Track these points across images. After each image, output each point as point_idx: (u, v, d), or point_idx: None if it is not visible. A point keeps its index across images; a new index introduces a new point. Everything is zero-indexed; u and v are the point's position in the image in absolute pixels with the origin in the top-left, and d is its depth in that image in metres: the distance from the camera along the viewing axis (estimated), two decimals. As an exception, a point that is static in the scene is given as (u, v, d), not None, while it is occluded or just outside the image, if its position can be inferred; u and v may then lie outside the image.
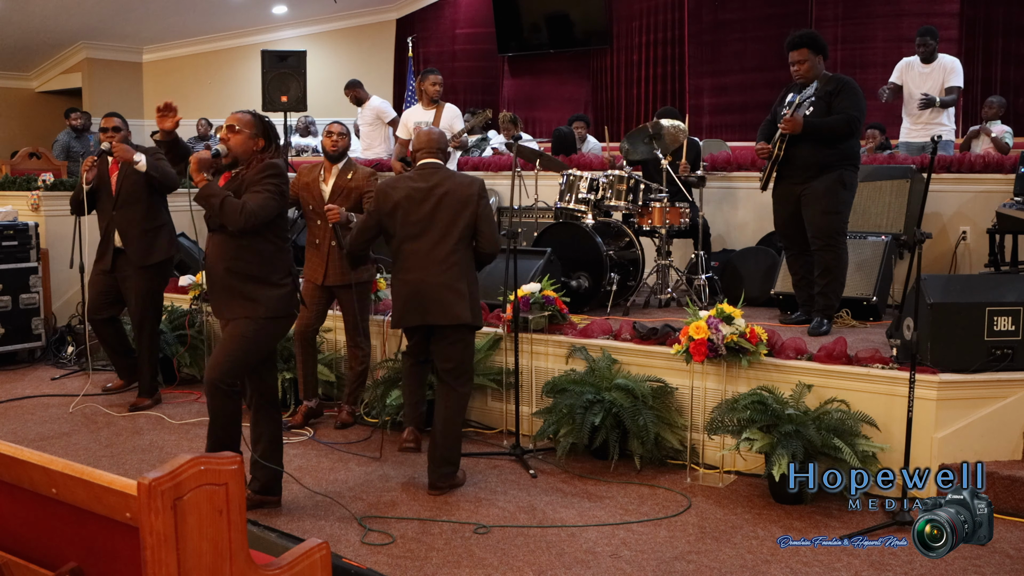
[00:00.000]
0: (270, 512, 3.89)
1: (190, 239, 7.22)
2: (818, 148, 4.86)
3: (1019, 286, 4.15)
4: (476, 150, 8.90)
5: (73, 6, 11.50)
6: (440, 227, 4.05)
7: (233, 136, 3.71)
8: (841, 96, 4.86)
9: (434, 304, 4.03)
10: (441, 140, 4.28)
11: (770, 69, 9.97)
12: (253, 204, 3.61)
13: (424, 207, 4.06)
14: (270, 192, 3.66)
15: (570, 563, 3.41)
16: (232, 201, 3.60)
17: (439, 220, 4.05)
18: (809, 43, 4.95)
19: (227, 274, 3.73)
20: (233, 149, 3.72)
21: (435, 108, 6.84)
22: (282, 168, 3.77)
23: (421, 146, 4.23)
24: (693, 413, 4.44)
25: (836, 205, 4.88)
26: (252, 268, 3.72)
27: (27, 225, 6.64)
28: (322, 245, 4.97)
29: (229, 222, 3.62)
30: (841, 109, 4.84)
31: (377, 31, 13.38)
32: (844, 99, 4.86)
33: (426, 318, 4.07)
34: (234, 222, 3.60)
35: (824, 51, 4.98)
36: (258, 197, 3.63)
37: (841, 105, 4.85)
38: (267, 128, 3.79)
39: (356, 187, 4.94)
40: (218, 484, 1.68)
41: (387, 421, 4.93)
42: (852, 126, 4.88)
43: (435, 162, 4.18)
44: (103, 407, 5.50)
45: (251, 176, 3.69)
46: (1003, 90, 8.94)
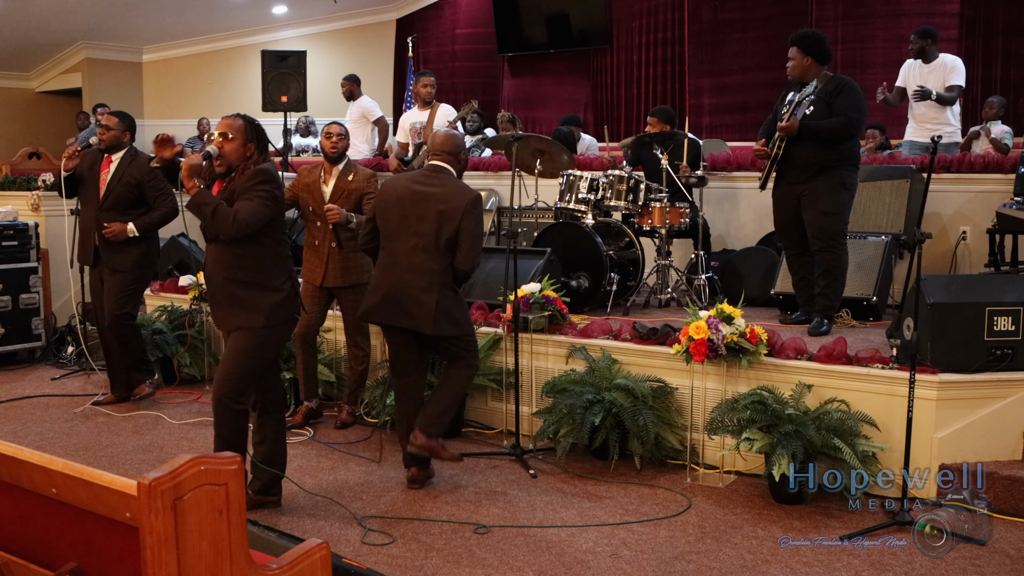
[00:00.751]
0: (270, 512, 3.89)
1: (189, 239, 7.22)
2: (817, 148, 4.85)
3: (1019, 286, 4.15)
4: (476, 150, 8.90)
5: (73, 6, 11.50)
6: (422, 234, 3.99)
7: (227, 143, 3.67)
8: (841, 96, 4.84)
9: (402, 309, 4.01)
10: (454, 145, 4.18)
11: (770, 69, 9.95)
12: (245, 212, 3.58)
13: (414, 211, 4.01)
14: (262, 199, 3.62)
15: (570, 563, 3.41)
16: (224, 209, 3.57)
17: (424, 227, 3.99)
18: (800, 43, 4.95)
19: (227, 283, 3.72)
20: (227, 156, 3.68)
21: (429, 109, 6.86)
22: (273, 173, 3.73)
23: (434, 147, 4.20)
24: (693, 413, 4.44)
25: (835, 206, 4.86)
26: (251, 275, 3.70)
27: (27, 225, 6.65)
28: (321, 246, 4.97)
29: (222, 231, 3.60)
30: (841, 110, 4.83)
31: (377, 31, 13.38)
32: (844, 100, 4.84)
33: (392, 319, 4.07)
34: (227, 230, 3.58)
35: (818, 55, 4.92)
36: (250, 205, 3.60)
37: (841, 106, 4.83)
38: (257, 132, 3.75)
39: (356, 189, 4.94)
40: (218, 484, 1.68)
41: (387, 421, 4.94)
42: (851, 128, 4.85)
43: (440, 165, 4.13)
44: (103, 407, 5.50)
45: (242, 183, 3.66)
46: (1003, 90, 8.93)
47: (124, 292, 5.39)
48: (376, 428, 5.02)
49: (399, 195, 4.07)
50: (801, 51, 4.93)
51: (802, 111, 4.90)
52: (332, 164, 5.00)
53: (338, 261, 4.94)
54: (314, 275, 5.00)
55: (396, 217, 4.05)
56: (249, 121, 3.74)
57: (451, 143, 4.18)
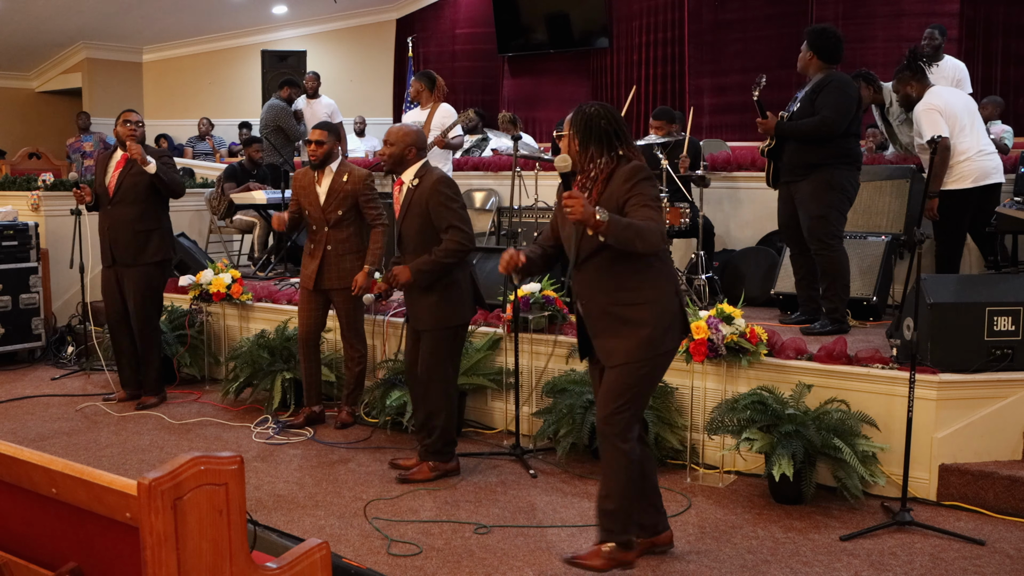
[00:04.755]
0: (270, 512, 3.89)
1: (190, 239, 7.22)
2: (802, 148, 4.79)
3: (1019, 286, 4.15)
4: (476, 150, 8.90)
5: (73, 6, 11.50)
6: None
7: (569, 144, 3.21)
8: (822, 95, 4.75)
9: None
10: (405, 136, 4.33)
11: (770, 69, 9.89)
12: (653, 219, 3.03)
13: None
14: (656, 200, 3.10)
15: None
16: (642, 226, 2.98)
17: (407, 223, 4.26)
18: (808, 36, 4.91)
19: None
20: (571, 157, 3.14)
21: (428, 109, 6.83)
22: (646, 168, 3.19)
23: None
24: (693, 413, 4.44)
25: (821, 208, 4.75)
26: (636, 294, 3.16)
27: (27, 225, 6.65)
28: (316, 249, 4.98)
29: (651, 246, 3.02)
30: (818, 109, 4.74)
31: (377, 31, 13.38)
32: (824, 98, 4.74)
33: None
34: (656, 242, 3.04)
35: (821, 51, 4.83)
36: (651, 212, 3.05)
37: (819, 104, 4.74)
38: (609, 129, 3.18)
39: (352, 190, 4.94)
40: (218, 484, 1.68)
41: (387, 421, 4.94)
42: (823, 128, 4.71)
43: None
44: (104, 407, 5.50)
45: (619, 185, 3.11)
46: (1003, 90, 8.93)
47: (141, 292, 5.40)
48: (376, 428, 5.03)
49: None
50: (807, 45, 4.88)
51: (791, 108, 4.90)
52: (315, 170, 5.00)
53: (333, 264, 4.95)
54: (307, 278, 5.01)
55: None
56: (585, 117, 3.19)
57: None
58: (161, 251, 5.46)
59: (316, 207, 4.94)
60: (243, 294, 6.05)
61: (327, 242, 4.94)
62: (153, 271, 5.44)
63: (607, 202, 3.07)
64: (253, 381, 5.50)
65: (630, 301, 3.12)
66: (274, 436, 4.97)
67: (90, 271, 5.96)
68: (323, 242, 4.96)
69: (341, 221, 4.96)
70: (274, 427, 5.10)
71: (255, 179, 7.86)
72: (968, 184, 4.99)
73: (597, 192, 3.13)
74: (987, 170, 5.02)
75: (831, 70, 4.88)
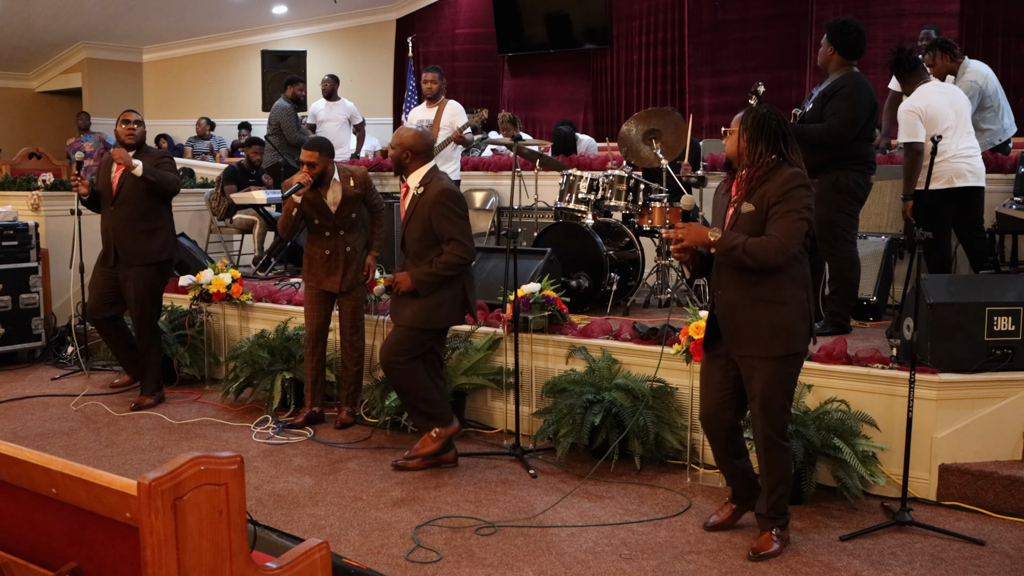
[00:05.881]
0: (270, 512, 3.89)
1: (190, 239, 7.22)
2: (808, 150, 4.77)
3: (1019, 286, 4.15)
4: (476, 150, 8.90)
5: (73, 6, 11.50)
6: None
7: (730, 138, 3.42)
8: (833, 100, 4.68)
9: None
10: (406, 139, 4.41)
11: (770, 69, 9.96)
12: (786, 232, 3.22)
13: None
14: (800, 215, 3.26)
15: (570, 563, 3.41)
16: (754, 245, 3.22)
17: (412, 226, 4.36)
18: (828, 30, 4.79)
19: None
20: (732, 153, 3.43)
21: (436, 106, 6.81)
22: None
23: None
24: (693, 413, 4.44)
25: (828, 213, 4.66)
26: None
27: (27, 225, 6.65)
28: (334, 256, 4.99)
29: (762, 263, 3.24)
30: (826, 116, 4.68)
31: (377, 31, 13.38)
32: (834, 104, 4.67)
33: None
34: (767, 260, 3.24)
35: (841, 46, 4.71)
36: (789, 223, 3.22)
37: (829, 111, 4.68)
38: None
39: (359, 193, 5.02)
40: (218, 484, 1.68)
41: (387, 421, 4.94)
42: (827, 138, 4.64)
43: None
44: (104, 406, 5.51)
45: (774, 189, 3.27)
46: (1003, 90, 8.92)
47: (142, 292, 5.40)
48: (376, 428, 5.03)
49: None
50: (827, 39, 4.77)
51: (806, 106, 4.86)
52: (314, 189, 4.95)
53: (355, 265, 5.03)
54: (331, 283, 5.01)
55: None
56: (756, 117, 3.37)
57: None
58: (166, 250, 5.48)
59: (327, 216, 4.95)
60: (243, 294, 6.05)
61: (345, 245, 4.98)
62: (155, 271, 5.46)
63: (760, 199, 3.28)
64: (253, 381, 5.50)
65: (763, 297, 3.32)
66: (274, 436, 4.98)
67: (90, 271, 5.96)
68: (341, 246, 4.99)
69: (354, 223, 5.03)
70: (274, 427, 5.10)
71: (253, 180, 7.87)
72: (942, 184, 4.93)
73: (754, 186, 3.31)
74: (961, 171, 4.95)
75: (850, 68, 4.78)
